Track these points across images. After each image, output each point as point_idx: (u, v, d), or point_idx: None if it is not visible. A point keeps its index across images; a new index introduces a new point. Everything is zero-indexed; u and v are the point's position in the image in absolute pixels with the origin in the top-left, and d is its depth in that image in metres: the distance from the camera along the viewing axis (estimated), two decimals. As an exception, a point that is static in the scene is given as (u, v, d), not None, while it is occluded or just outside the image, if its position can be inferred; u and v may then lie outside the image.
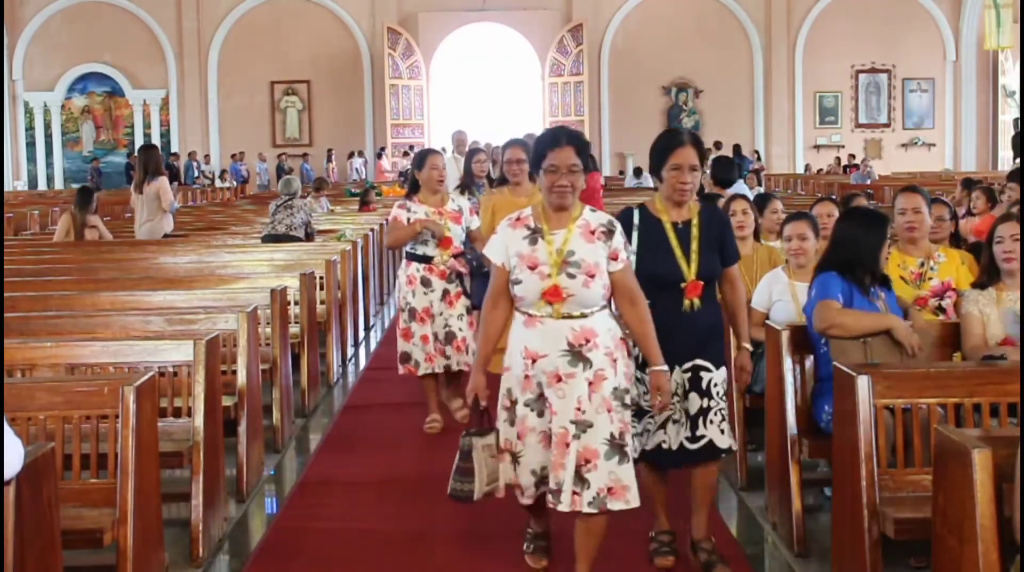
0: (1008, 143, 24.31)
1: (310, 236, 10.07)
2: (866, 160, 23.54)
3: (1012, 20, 24.06)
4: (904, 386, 3.92)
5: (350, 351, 8.65)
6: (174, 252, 8.90)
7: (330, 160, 26.42)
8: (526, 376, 3.75)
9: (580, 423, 3.68)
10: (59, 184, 26.26)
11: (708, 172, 9.17)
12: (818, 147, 27.63)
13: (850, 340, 4.36)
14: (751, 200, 6.35)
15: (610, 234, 3.77)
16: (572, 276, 3.69)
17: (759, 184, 15.09)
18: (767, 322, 4.89)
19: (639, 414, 4.03)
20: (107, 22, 26.50)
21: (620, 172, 25.63)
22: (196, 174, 25.76)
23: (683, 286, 4.04)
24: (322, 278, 7.90)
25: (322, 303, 7.83)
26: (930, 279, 5.06)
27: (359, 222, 12.50)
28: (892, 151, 27.83)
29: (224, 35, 26.87)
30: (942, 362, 4.50)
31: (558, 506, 3.71)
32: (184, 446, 4.52)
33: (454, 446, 5.84)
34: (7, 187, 24.25)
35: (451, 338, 6.13)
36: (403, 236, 6.17)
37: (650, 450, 4.06)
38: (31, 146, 27.07)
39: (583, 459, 3.68)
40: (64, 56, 26.55)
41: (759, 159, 25.27)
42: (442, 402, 6.36)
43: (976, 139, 27.79)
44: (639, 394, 3.98)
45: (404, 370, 6.26)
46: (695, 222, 4.11)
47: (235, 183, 24.91)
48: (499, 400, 3.89)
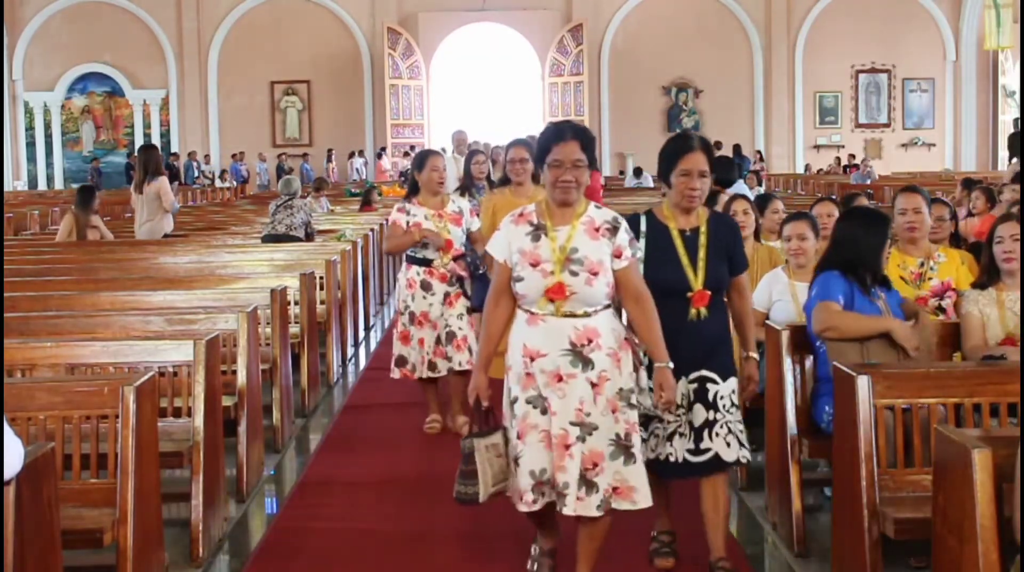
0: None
1: (310, 236, 10.07)
2: (866, 160, 23.54)
3: (1012, 20, 24.07)
4: (904, 386, 3.92)
5: (350, 351, 8.65)
6: (174, 252, 8.90)
7: (330, 160, 26.42)
8: (527, 374, 3.68)
9: (584, 426, 3.62)
10: (59, 184, 26.27)
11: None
12: (818, 147, 27.63)
13: (847, 342, 4.36)
14: (751, 200, 6.35)
15: (614, 231, 3.69)
16: (575, 274, 3.62)
17: (759, 184, 15.09)
18: (767, 322, 4.88)
19: (646, 422, 3.96)
20: (107, 22, 26.51)
21: (620, 172, 25.63)
22: (196, 174, 25.76)
23: (689, 295, 3.95)
24: (322, 278, 7.90)
25: (322, 303, 7.83)
26: (930, 279, 5.06)
27: (359, 222, 12.50)
28: (892, 151, 27.83)
29: (224, 35, 26.88)
30: (942, 362, 4.50)
31: (563, 509, 3.64)
32: (184, 446, 4.52)
33: (454, 446, 5.86)
34: (7, 187, 24.25)
35: (451, 337, 6.09)
36: (402, 243, 6.14)
37: (653, 460, 3.97)
38: (31, 146, 27.09)
39: (590, 463, 3.62)
40: (64, 56, 26.56)
41: (761, 160, 25.26)
42: (442, 402, 6.34)
43: (976, 139, 27.80)
44: (650, 406, 3.89)
45: (400, 374, 6.20)
46: (703, 230, 4.01)
47: (235, 183, 24.91)
48: (503, 400, 3.82)
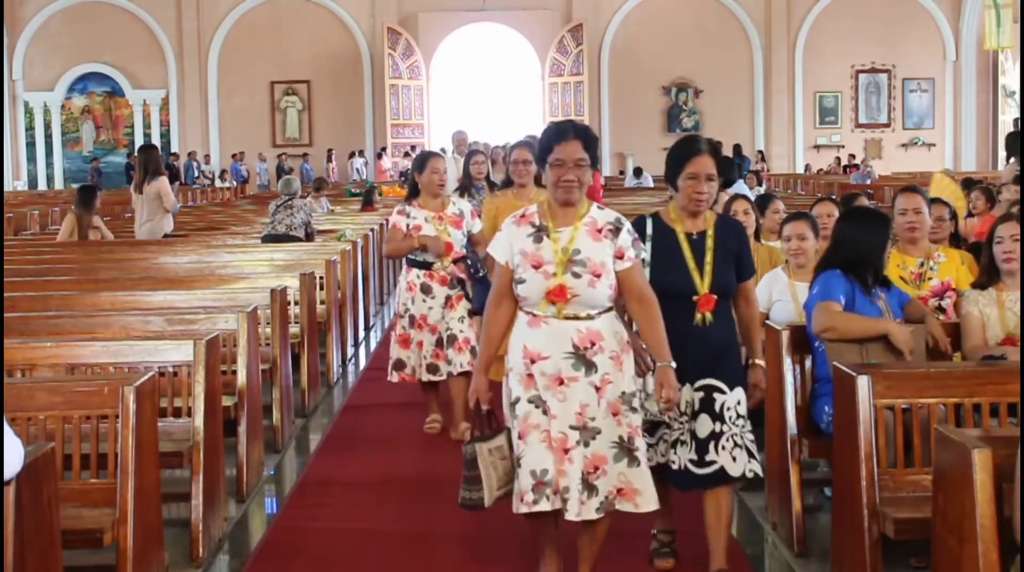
0: (1007, 143, 24.27)
1: (310, 236, 10.08)
2: (866, 160, 23.54)
3: (1012, 20, 24.06)
4: (904, 386, 3.92)
5: (350, 351, 8.65)
6: (174, 252, 8.90)
7: (330, 160, 26.42)
8: (529, 374, 3.64)
9: (586, 430, 3.59)
10: (59, 184, 26.27)
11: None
12: (818, 147, 27.63)
13: (845, 343, 4.36)
14: (752, 200, 6.36)
15: (617, 232, 3.64)
16: (577, 275, 3.58)
17: (759, 184, 15.08)
18: (767, 322, 4.88)
19: (653, 428, 3.93)
20: (107, 22, 26.50)
21: (620, 172, 25.63)
22: (196, 174, 25.76)
23: (695, 299, 3.89)
24: (322, 278, 7.90)
25: (322, 303, 7.83)
26: (930, 279, 5.06)
27: (359, 222, 12.51)
28: (892, 151, 27.83)
29: (224, 35, 26.87)
30: (942, 362, 4.50)
31: (566, 514, 3.60)
32: (184, 446, 4.52)
33: (454, 446, 5.88)
34: (7, 187, 24.25)
35: (453, 341, 6.01)
36: (401, 248, 6.11)
37: (663, 465, 3.93)
38: (31, 146, 27.08)
39: (591, 466, 3.59)
40: (64, 56, 26.56)
41: (763, 160, 25.24)
42: (442, 402, 6.32)
43: (976, 139, 27.79)
44: (657, 412, 3.86)
45: (398, 378, 6.15)
46: (710, 233, 3.96)
47: (235, 183, 24.91)
48: (504, 401, 3.77)
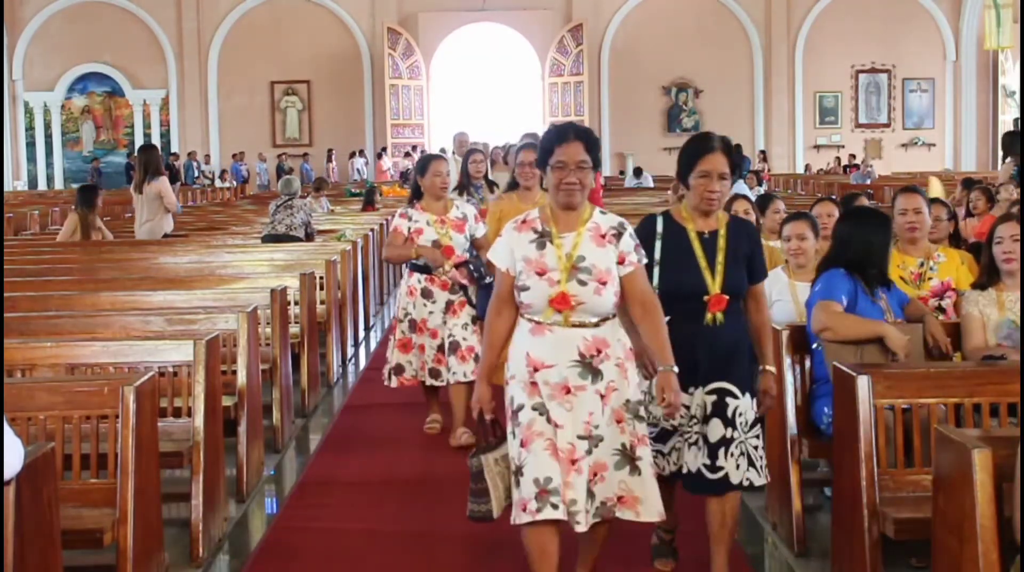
0: (1007, 144, 24.27)
1: (310, 236, 10.08)
2: (866, 160, 23.52)
3: (1012, 20, 24.06)
4: (904, 386, 3.92)
5: (350, 351, 8.65)
6: (174, 252, 8.90)
7: (330, 160, 26.42)
8: (532, 382, 3.54)
9: (591, 438, 3.51)
10: (59, 184, 26.28)
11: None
12: (818, 147, 27.62)
13: (842, 344, 4.35)
14: (752, 200, 6.35)
15: (619, 236, 3.58)
16: (583, 283, 3.50)
17: (759, 184, 15.08)
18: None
19: (664, 437, 3.88)
20: (107, 22, 26.51)
21: (620, 172, 25.63)
22: (196, 174, 25.77)
23: (706, 299, 3.82)
24: (322, 278, 7.90)
25: (322, 303, 7.83)
26: (930, 279, 5.06)
27: (359, 222, 12.51)
28: (892, 151, 27.82)
29: (224, 35, 26.88)
30: (942, 362, 4.50)
31: (576, 527, 3.53)
32: (184, 446, 4.53)
33: (454, 448, 5.88)
34: (7, 187, 24.25)
35: (455, 348, 5.91)
36: (400, 255, 6.09)
37: (670, 474, 3.88)
38: (31, 146, 27.08)
39: (592, 472, 3.53)
40: (64, 56, 26.56)
41: (765, 160, 25.21)
42: (442, 403, 6.29)
43: (976, 139, 27.79)
44: (660, 416, 3.80)
45: (396, 383, 6.09)
46: (722, 233, 3.89)
47: (235, 183, 24.92)
48: (506, 410, 3.66)
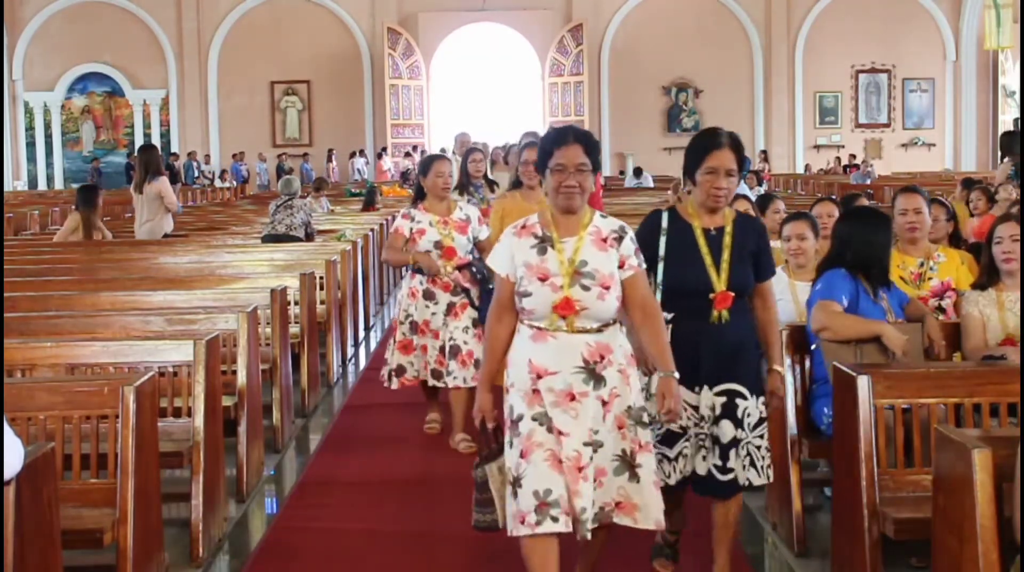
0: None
1: (310, 236, 10.08)
2: (866, 160, 23.51)
3: (1012, 20, 24.06)
4: (904, 386, 3.92)
5: (350, 351, 8.65)
6: (174, 252, 8.89)
7: (330, 160, 26.42)
8: (534, 390, 3.47)
9: (592, 444, 3.44)
10: (59, 184, 26.28)
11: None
12: (818, 147, 27.63)
13: (841, 343, 4.35)
14: (752, 200, 6.36)
15: (620, 240, 3.53)
16: (586, 288, 3.45)
17: (759, 184, 15.09)
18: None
19: (672, 439, 3.79)
20: (107, 22, 26.51)
21: (620, 172, 25.63)
22: (196, 174, 25.77)
23: (712, 297, 3.76)
24: (322, 278, 7.90)
25: (322, 303, 7.83)
26: (930, 279, 5.06)
27: (359, 222, 12.51)
28: (892, 151, 27.82)
29: (224, 35, 26.88)
30: (942, 362, 4.50)
31: (586, 536, 3.45)
32: (184, 446, 4.53)
33: (453, 449, 5.87)
34: (7, 187, 24.25)
35: (456, 352, 5.84)
36: (398, 260, 6.09)
37: (677, 482, 3.79)
38: (31, 146, 27.08)
39: (593, 479, 3.46)
40: (64, 56, 26.56)
41: (766, 160, 25.19)
42: (443, 403, 6.27)
43: (976, 139, 27.79)
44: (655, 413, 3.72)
45: (398, 384, 6.04)
46: (728, 229, 3.83)
47: (235, 183, 24.92)
48: (505, 420, 3.59)
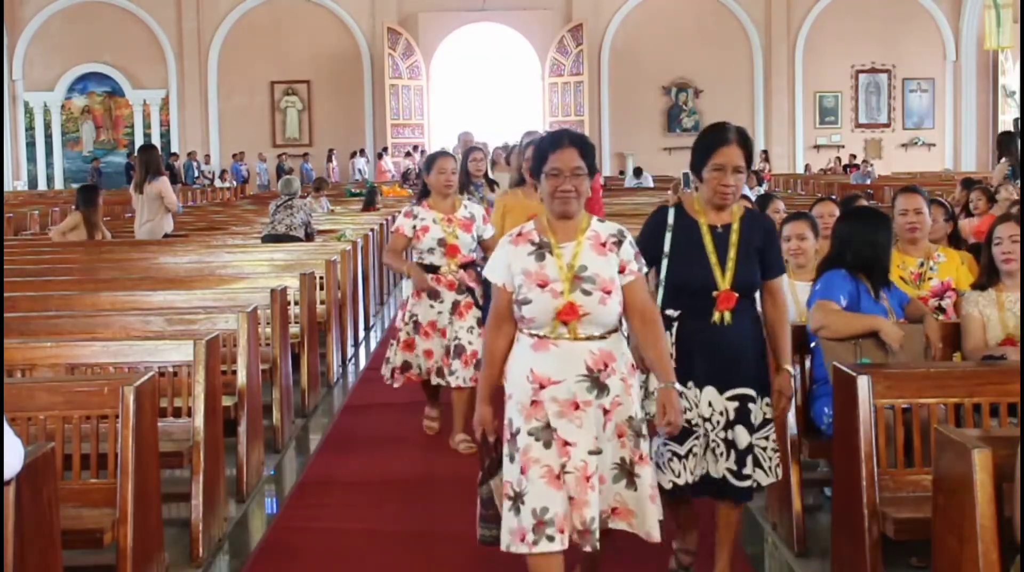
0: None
1: (310, 236, 10.08)
2: (866, 160, 23.51)
3: (1012, 20, 24.05)
4: (904, 386, 3.92)
5: (350, 351, 8.65)
6: (174, 252, 8.89)
7: (330, 160, 26.41)
8: (533, 402, 3.39)
9: (596, 452, 3.39)
10: (59, 184, 26.27)
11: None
12: (818, 147, 27.62)
13: (839, 341, 4.35)
14: (752, 200, 6.36)
15: (620, 244, 3.46)
16: (588, 293, 3.37)
17: (759, 184, 15.08)
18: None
19: (682, 436, 3.67)
20: (107, 22, 26.50)
21: (620, 172, 25.63)
22: (196, 174, 25.77)
23: (714, 295, 3.70)
24: (322, 278, 7.90)
25: (322, 303, 7.83)
26: (930, 279, 5.06)
27: (359, 222, 12.51)
28: (892, 151, 27.82)
29: (224, 35, 26.87)
30: (942, 362, 4.50)
31: (582, 546, 3.38)
32: (184, 446, 4.53)
33: (453, 448, 5.87)
34: (7, 187, 24.25)
35: (460, 352, 5.79)
36: (396, 267, 6.10)
37: (695, 483, 3.71)
38: (31, 146, 27.08)
39: (597, 487, 3.41)
40: (64, 56, 26.55)
41: (766, 160, 25.17)
42: (442, 403, 6.26)
43: (976, 139, 27.78)
44: (652, 412, 3.65)
45: (403, 380, 6.00)
46: (735, 227, 3.76)
47: (235, 183, 24.91)
48: (503, 428, 3.52)
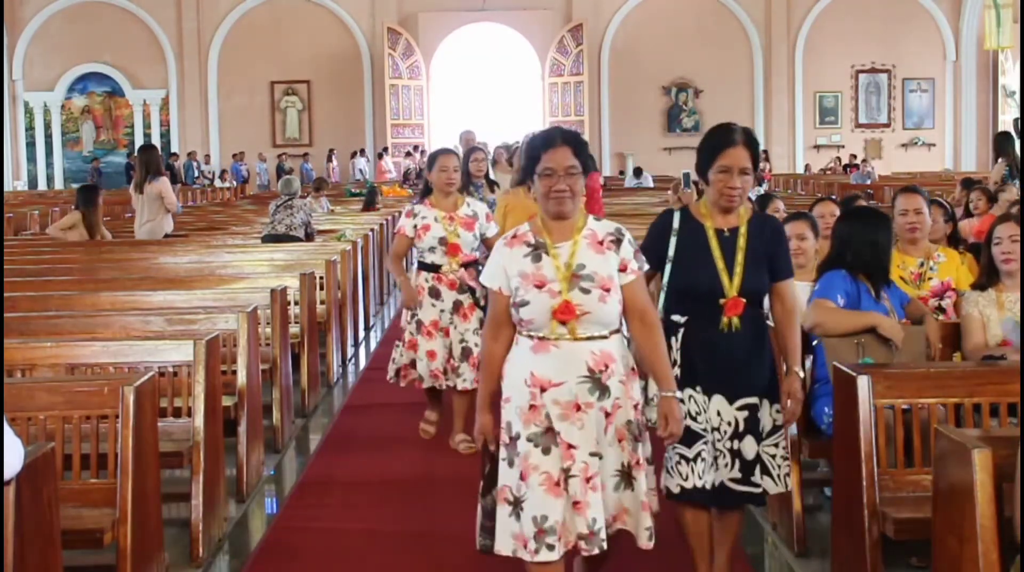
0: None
1: (310, 236, 10.08)
2: (866, 161, 23.50)
3: (1012, 20, 24.04)
4: (904, 386, 3.92)
5: (350, 351, 8.65)
6: (174, 252, 8.90)
7: (330, 160, 26.40)
8: (531, 406, 3.32)
9: (597, 455, 3.33)
10: (59, 184, 26.26)
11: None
12: (818, 147, 27.61)
13: (840, 339, 4.34)
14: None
15: (619, 243, 3.38)
16: (586, 291, 3.30)
17: (759, 184, 15.09)
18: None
19: (691, 438, 3.59)
20: (107, 22, 26.49)
21: (620, 172, 25.62)
22: (196, 174, 25.77)
23: (722, 302, 3.61)
24: (322, 278, 7.90)
25: (322, 303, 7.83)
26: (930, 279, 5.06)
27: (359, 222, 12.51)
28: (892, 151, 27.81)
29: (224, 35, 26.86)
30: (942, 362, 4.50)
31: (588, 551, 3.32)
32: (184, 446, 4.53)
33: (453, 448, 5.87)
34: (7, 187, 24.24)
35: (467, 354, 5.75)
36: (394, 273, 6.11)
37: (700, 488, 3.62)
38: (31, 146, 27.07)
39: (599, 488, 3.35)
40: (64, 56, 26.55)
41: (767, 160, 25.14)
42: (443, 405, 6.21)
43: (976, 139, 27.76)
44: (654, 420, 3.58)
45: (405, 382, 5.97)
46: (743, 230, 3.66)
47: (235, 183, 24.91)
48: (501, 432, 3.42)
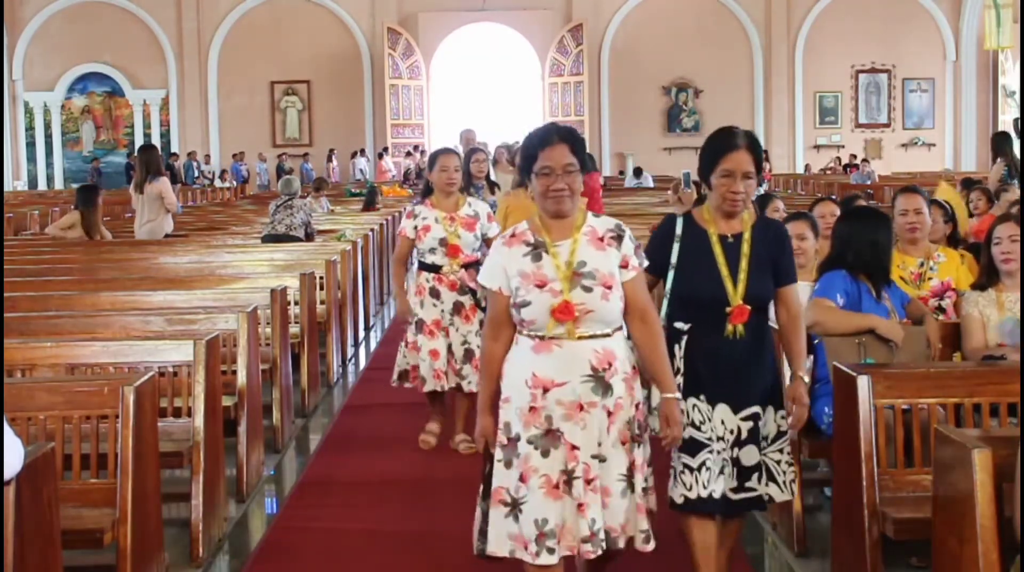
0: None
1: (310, 236, 10.07)
2: (866, 159, 23.50)
3: (1012, 20, 24.05)
4: (904, 386, 3.92)
5: (350, 351, 8.65)
6: (174, 252, 8.90)
7: (330, 160, 26.40)
8: (532, 408, 3.27)
9: (599, 457, 3.29)
10: (59, 184, 26.26)
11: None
12: (818, 147, 27.61)
13: (842, 339, 4.34)
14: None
15: (619, 239, 3.34)
16: (588, 289, 3.26)
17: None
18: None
19: (694, 448, 3.52)
20: (107, 22, 26.49)
21: (620, 172, 25.62)
22: (196, 174, 25.77)
23: (727, 310, 3.53)
24: (322, 278, 7.90)
25: (322, 303, 7.83)
26: (930, 279, 5.06)
27: (359, 222, 12.50)
28: (892, 151, 27.81)
29: (224, 35, 26.86)
30: (942, 362, 4.50)
31: (591, 554, 3.28)
32: (184, 446, 4.53)
33: (453, 449, 5.87)
34: (7, 187, 24.24)
35: (470, 356, 5.73)
36: (395, 278, 6.12)
37: (705, 498, 3.53)
38: (31, 146, 27.07)
39: (599, 490, 3.32)
40: (64, 56, 26.55)
41: (767, 160, 25.13)
42: (444, 413, 6.14)
43: (976, 139, 27.74)
44: (657, 429, 3.52)
45: (410, 385, 5.93)
46: (747, 236, 3.61)
47: (235, 183, 24.91)
48: (499, 434, 3.36)
